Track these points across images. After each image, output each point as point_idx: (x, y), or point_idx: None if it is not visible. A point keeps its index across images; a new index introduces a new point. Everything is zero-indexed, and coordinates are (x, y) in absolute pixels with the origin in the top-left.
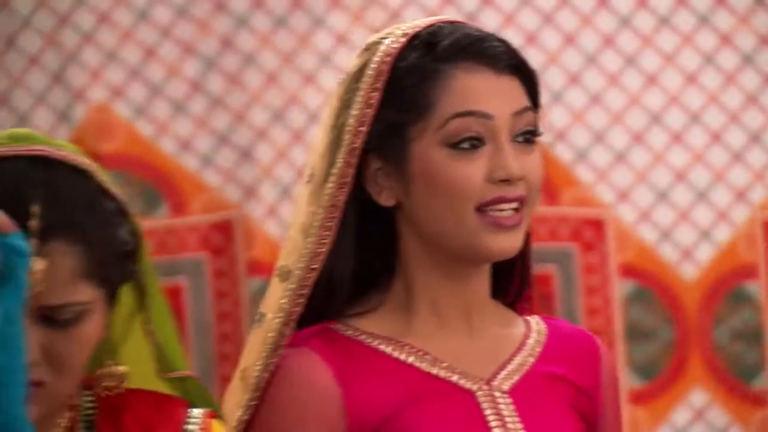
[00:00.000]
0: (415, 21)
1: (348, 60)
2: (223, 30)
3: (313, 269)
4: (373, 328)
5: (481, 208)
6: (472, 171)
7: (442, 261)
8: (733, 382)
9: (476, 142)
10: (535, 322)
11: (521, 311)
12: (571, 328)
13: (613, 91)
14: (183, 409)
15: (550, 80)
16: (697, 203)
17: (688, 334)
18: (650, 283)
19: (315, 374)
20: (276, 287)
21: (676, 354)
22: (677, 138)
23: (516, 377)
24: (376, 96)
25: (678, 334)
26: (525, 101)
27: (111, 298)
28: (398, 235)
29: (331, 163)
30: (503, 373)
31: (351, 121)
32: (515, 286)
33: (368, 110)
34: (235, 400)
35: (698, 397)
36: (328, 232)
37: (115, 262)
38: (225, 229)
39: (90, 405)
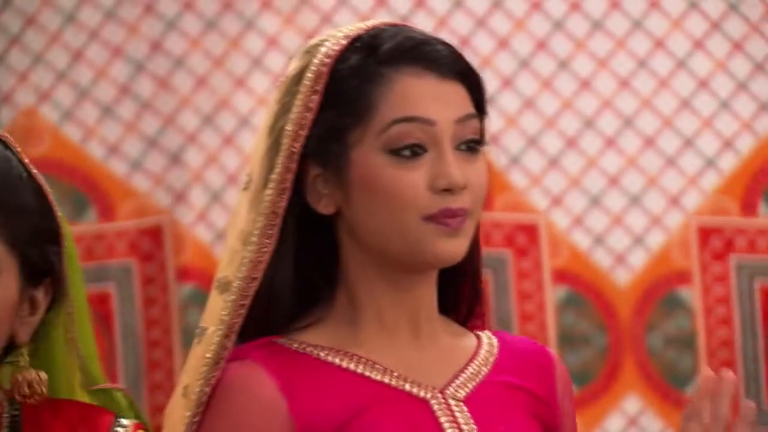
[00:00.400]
0: (357, 24)
1: (279, 63)
2: (152, 33)
3: (254, 279)
4: (319, 341)
5: (430, 219)
6: (414, 179)
7: (385, 270)
8: (667, 389)
9: (417, 149)
10: (486, 335)
11: (473, 329)
12: (522, 340)
13: (546, 96)
14: (110, 418)
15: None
16: (630, 208)
17: (622, 340)
18: (583, 289)
19: (259, 386)
20: (216, 299)
21: (609, 360)
22: (610, 142)
23: (471, 385)
24: (315, 99)
25: (611, 341)
26: (469, 108)
27: (25, 270)
28: (339, 245)
29: (269, 169)
30: (457, 381)
31: (290, 125)
32: (466, 302)
33: (307, 114)
34: (178, 416)
35: (632, 403)
36: (268, 240)
37: (23, 226)
38: (154, 234)
39: (16, 413)
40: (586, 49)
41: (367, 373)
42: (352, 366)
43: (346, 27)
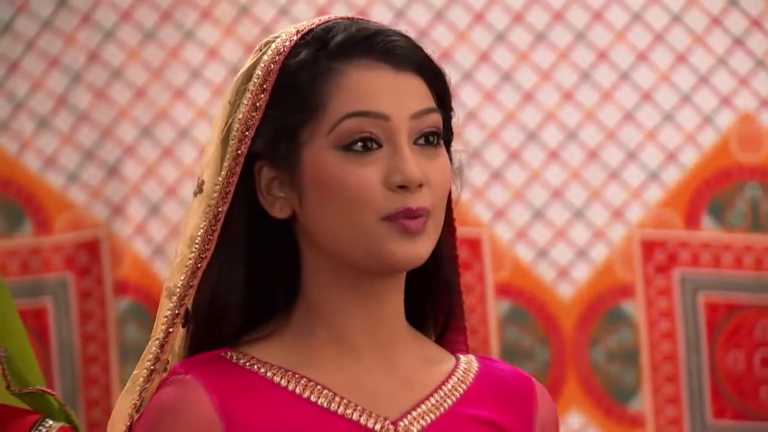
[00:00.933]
0: (313, 18)
1: (219, 74)
2: (90, 43)
3: (191, 286)
4: (270, 357)
5: (388, 219)
6: (367, 175)
7: (345, 278)
8: (610, 403)
9: (370, 144)
10: (466, 360)
11: (455, 344)
12: (506, 368)
13: (489, 108)
14: (35, 418)
15: None
16: (573, 221)
17: (564, 354)
18: (526, 303)
19: (194, 405)
20: (162, 307)
21: (551, 375)
22: (554, 155)
23: (430, 418)
24: (264, 98)
25: (554, 355)
26: (427, 102)
27: None
28: (298, 252)
29: (217, 172)
30: (414, 412)
31: (237, 125)
32: (441, 316)
33: (255, 113)
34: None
35: (574, 418)
36: (208, 246)
37: None
38: (91, 248)
39: None
40: (530, 61)
41: (313, 398)
42: (297, 389)
43: (301, 22)
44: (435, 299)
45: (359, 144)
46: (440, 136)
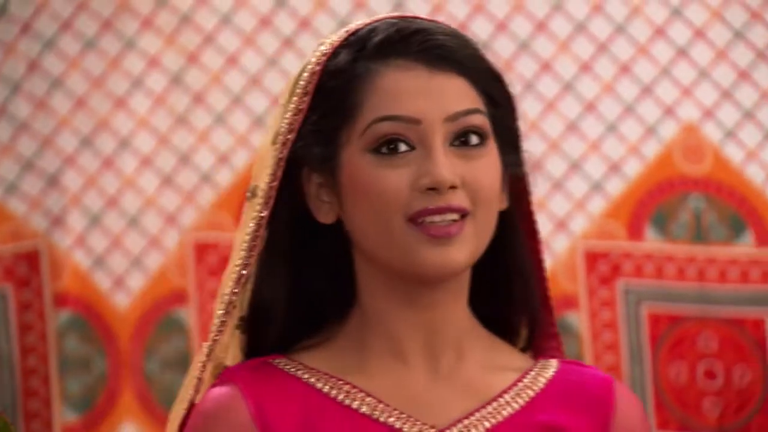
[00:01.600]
0: (365, 19)
1: (161, 83)
2: (30, 52)
3: (236, 293)
4: (319, 363)
5: (413, 220)
6: (395, 178)
7: (394, 285)
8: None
9: (401, 146)
10: (542, 365)
11: (547, 351)
12: (587, 372)
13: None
14: None
15: None
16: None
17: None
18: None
19: (230, 411)
20: (214, 314)
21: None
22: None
23: (483, 426)
24: (306, 100)
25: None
26: (467, 103)
27: None
28: (352, 258)
29: (264, 177)
30: (466, 421)
31: (282, 129)
32: (526, 324)
33: (297, 116)
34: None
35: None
36: (252, 253)
37: None
38: (30, 259)
39: None
40: None
41: (355, 405)
42: (340, 396)
43: (354, 23)
44: (514, 306)
45: (389, 146)
46: (484, 136)
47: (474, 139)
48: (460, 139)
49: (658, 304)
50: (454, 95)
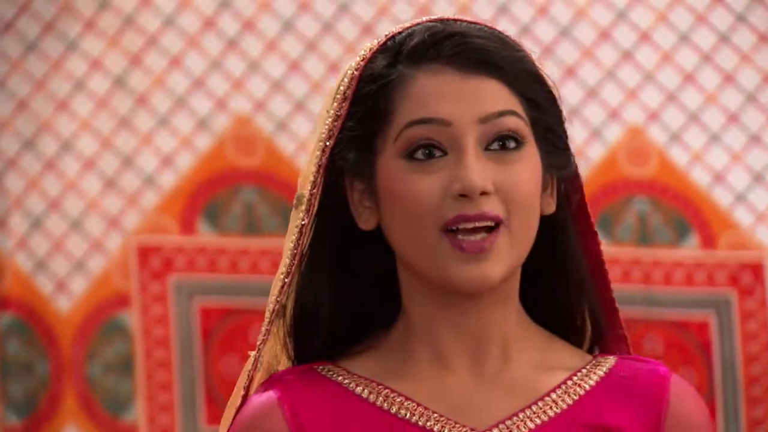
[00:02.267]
0: (405, 22)
1: (103, 86)
2: None
3: (278, 302)
4: (362, 369)
5: (447, 229)
6: (427, 184)
7: (434, 292)
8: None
9: (433, 151)
10: (595, 363)
11: (616, 354)
12: (643, 366)
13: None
14: None
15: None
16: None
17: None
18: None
19: (265, 417)
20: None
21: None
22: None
23: (527, 427)
24: (345, 106)
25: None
26: (501, 104)
27: None
28: (395, 266)
29: (306, 184)
30: (509, 422)
31: (323, 135)
32: (586, 322)
33: (336, 122)
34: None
35: None
36: (294, 261)
37: None
38: None
39: None
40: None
41: (393, 410)
42: (379, 401)
43: (395, 27)
44: (570, 308)
45: (421, 151)
46: (520, 140)
47: (510, 143)
48: (496, 143)
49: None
50: (487, 97)
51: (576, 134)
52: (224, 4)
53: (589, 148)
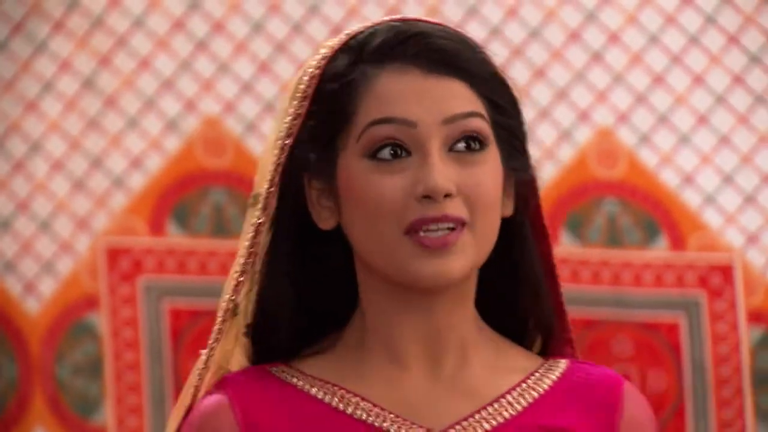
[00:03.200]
0: (366, 22)
1: (72, 87)
2: None
3: (232, 300)
4: (317, 371)
5: (409, 231)
6: (390, 185)
7: (393, 291)
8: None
9: (398, 151)
10: (549, 366)
11: (563, 357)
12: (595, 372)
13: None
14: None
15: None
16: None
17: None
18: None
19: (217, 418)
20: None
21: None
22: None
23: (482, 428)
24: (305, 105)
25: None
26: (466, 106)
27: None
28: (355, 264)
29: (263, 183)
30: (465, 422)
31: (281, 134)
32: (537, 325)
33: (296, 121)
34: None
35: None
36: (249, 260)
37: None
38: None
39: None
40: None
41: (349, 410)
42: (334, 402)
43: (356, 26)
44: (524, 312)
45: (384, 151)
46: (484, 142)
47: (475, 144)
48: (460, 144)
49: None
50: (451, 98)
51: (546, 135)
52: (193, 5)
53: (559, 149)
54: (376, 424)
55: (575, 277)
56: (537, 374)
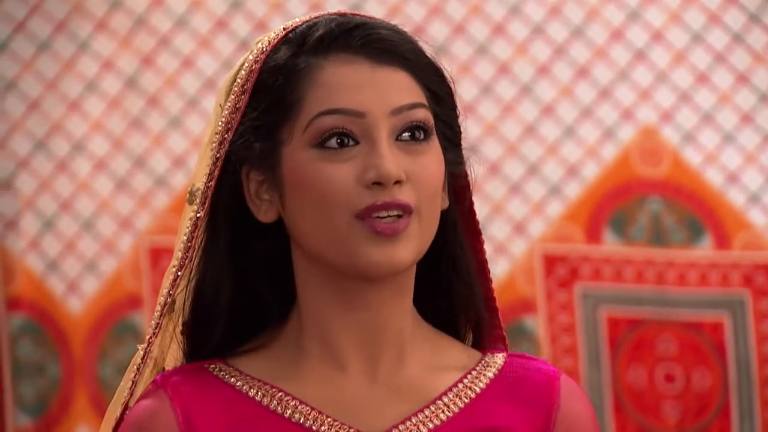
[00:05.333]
0: (304, 16)
1: (115, 86)
2: None
3: (171, 295)
4: (253, 369)
5: (360, 217)
6: (341, 172)
7: (332, 285)
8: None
9: (345, 140)
10: (485, 363)
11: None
12: (532, 366)
13: None
14: None
15: None
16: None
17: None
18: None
19: (157, 418)
20: (153, 316)
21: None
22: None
23: (420, 430)
24: (244, 98)
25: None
26: (412, 97)
27: None
28: (292, 258)
29: (201, 177)
30: (402, 426)
31: (219, 128)
32: (469, 319)
33: (235, 114)
34: None
35: None
36: (188, 254)
37: None
38: None
39: None
40: None
41: (287, 414)
42: (272, 404)
43: (293, 20)
44: (456, 307)
45: (332, 140)
46: (428, 132)
47: (419, 134)
48: (405, 134)
49: (616, 307)
50: (398, 89)
51: (589, 134)
52: (236, 5)
53: (602, 148)
54: (314, 427)
55: (619, 276)
56: (474, 372)
